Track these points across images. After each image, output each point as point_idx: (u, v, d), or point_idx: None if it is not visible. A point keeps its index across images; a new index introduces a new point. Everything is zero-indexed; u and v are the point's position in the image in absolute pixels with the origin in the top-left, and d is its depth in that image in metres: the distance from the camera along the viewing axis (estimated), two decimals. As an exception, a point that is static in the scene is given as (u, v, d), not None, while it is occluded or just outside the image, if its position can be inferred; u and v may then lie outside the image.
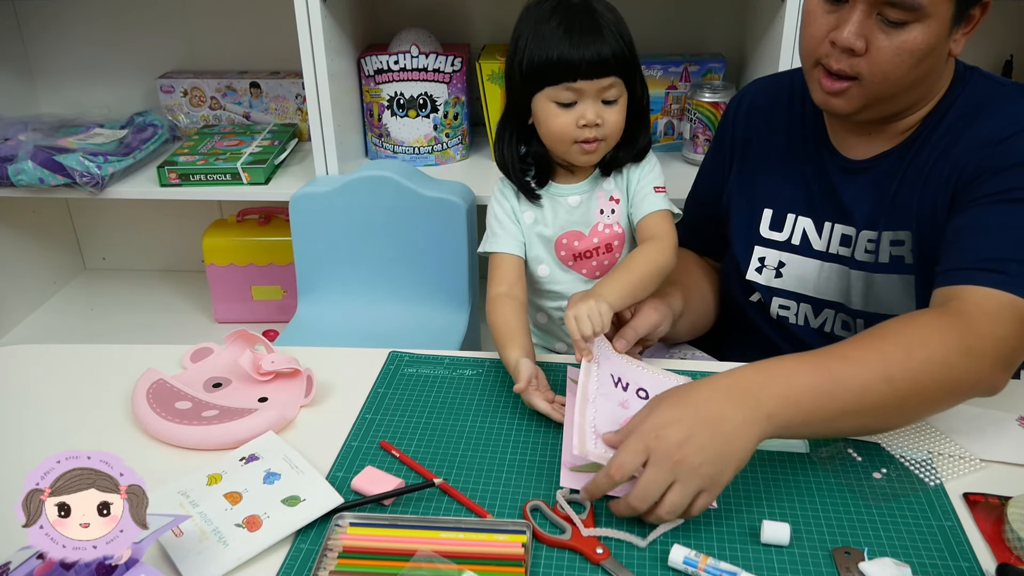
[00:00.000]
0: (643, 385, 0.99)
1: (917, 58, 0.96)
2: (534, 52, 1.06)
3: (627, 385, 0.98)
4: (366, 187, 1.68)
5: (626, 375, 0.99)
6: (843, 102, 1.01)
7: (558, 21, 1.05)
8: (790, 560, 0.78)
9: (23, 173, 1.76)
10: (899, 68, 0.97)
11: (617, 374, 0.99)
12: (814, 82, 1.04)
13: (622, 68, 1.07)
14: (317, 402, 1.03)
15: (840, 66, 0.98)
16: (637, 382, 0.99)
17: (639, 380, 1.00)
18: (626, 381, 0.99)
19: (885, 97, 1.00)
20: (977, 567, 0.77)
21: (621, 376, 0.99)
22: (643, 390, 0.98)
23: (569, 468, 0.89)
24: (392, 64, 1.80)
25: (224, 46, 2.11)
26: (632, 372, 1.01)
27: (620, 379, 0.99)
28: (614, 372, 0.99)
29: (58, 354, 1.16)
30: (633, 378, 1.00)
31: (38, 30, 2.12)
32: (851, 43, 0.96)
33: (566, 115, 1.08)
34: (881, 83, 0.98)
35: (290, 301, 2.02)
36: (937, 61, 0.99)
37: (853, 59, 0.98)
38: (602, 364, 0.98)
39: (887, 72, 0.97)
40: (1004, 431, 0.95)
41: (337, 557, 0.78)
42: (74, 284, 2.35)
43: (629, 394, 0.97)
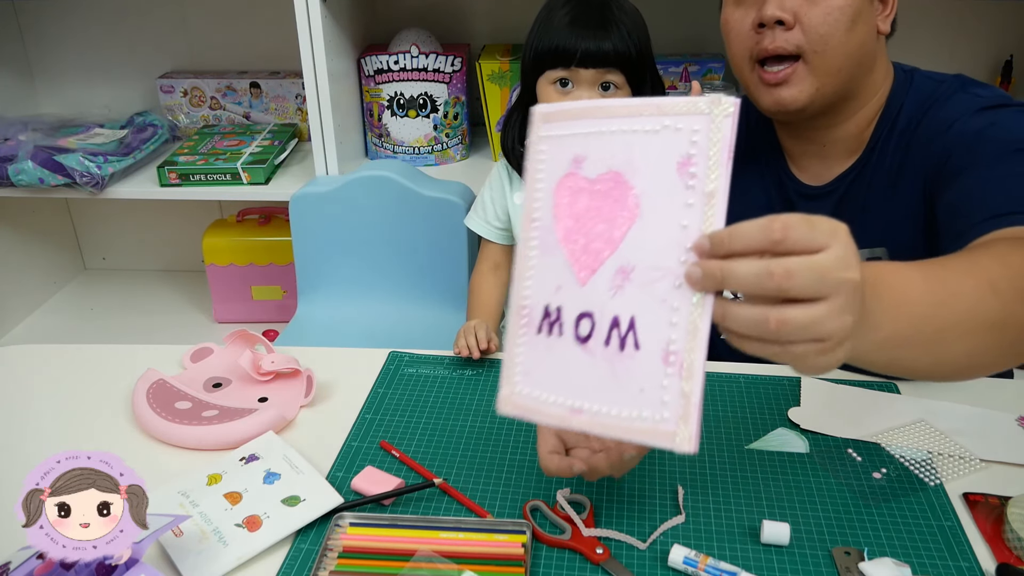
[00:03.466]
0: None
1: (848, 17, 0.97)
2: (541, 36, 1.11)
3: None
4: (366, 187, 1.68)
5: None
6: (793, 90, 1.01)
7: (568, 9, 1.09)
8: (790, 560, 0.78)
9: (23, 173, 1.76)
10: (835, 29, 0.97)
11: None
12: (757, 86, 1.04)
13: (624, 64, 1.08)
14: (317, 402, 1.03)
15: (776, 43, 0.98)
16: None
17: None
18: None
19: (832, 71, 1.00)
20: (977, 567, 0.77)
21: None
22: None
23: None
24: (392, 64, 1.80)
25: (224, 46, 2.11)
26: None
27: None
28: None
29: (58, 354, 1.16)
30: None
31: (38, 30, 2.12)
32: (778, 14, 0.97)
33: (561, 100, 1.10)
34: (823, 51, 0.98)
35: (290, 301, 2.02)
36: (869, 30, 1.00)
37: (787, 33, 0.98)
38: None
39: (825, 35, 0.97)
40: (1004, 431, 0.95)
41: (337, 557, 0.78)
42: (74, 284, 2.35)
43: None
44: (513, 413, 0.65)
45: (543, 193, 0.65)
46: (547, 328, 0.63)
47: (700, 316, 0.57)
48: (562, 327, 0.62)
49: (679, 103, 0.59)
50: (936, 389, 1.03)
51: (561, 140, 0.64)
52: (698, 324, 0.57)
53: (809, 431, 0.95)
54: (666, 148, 0.59)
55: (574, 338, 0.62)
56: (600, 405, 0.61)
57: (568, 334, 0.62)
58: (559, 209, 0.64)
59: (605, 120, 0.62)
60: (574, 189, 0.63)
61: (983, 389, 1.03)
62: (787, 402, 1.00)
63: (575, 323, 0.62)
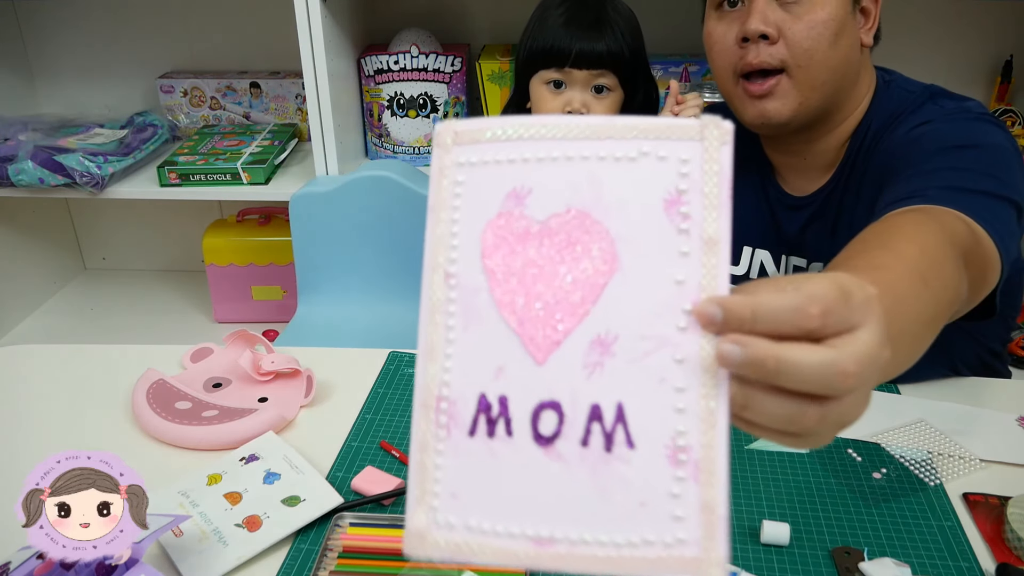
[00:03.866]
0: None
1: (832, 31, 0.97)
2: (535, 35, 1.10)
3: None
4: (366, 187, 1.68)
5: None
6: (777, 103, 1.00)
7: (563, 10, 1.09)
8: (790, 560, 0.78)
9: (23, 173, 1.76)
10: (819, 43, 0.97)
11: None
12: (741, 99, 1.03)
13: (618, 66, 1.08)
14: (317, 402, 1.03)
15: (760, 58, 0.98)
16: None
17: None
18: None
19: (816, 85, 0.99)
20: (977, 567, 0.77)
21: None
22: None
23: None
24: (392, 64, 1.80)
25: (224, 46, 2.11)
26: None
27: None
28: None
29: (58, 354, 1.16)
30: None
31: (38, 30, 2.12)
32: (761, 28, 0.96)
33: (554, 100, 1.10)
34: (807, 65, 0.97)
35: (290, 301, 2.02)
36: (853, 44, 1.00)
37: (771, 47, 0.97)
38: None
39: (809, 50, 0.97)
40: (1004, 431, 0.95)
41: (337, 557, 0.78)
42: (74, 284, 2.35)
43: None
44: (436, 554, 0.46)
45: (463, 240, 0.48)
46: (485, 428, 0.46)
47: (716, 398, 0.44)
48: (510, 425, 0.46)
49: (661, 124, 0.47)
50: (936, 389, 1.03)
51: (488, 168, 0.48)
52: (714, 409, 0.44)
53: (809, 431, 0.95)
54: (648, 181, 0.46)
55: (532, 439, 0.45)
56: (581, 530, 0.44)
57: (522, 434, 0.45)
58: (491, 261, 0.48)
59: (556, 143, 0.47)
60: (514, 234, 0.47)
61: (983, 389, 1.03)
62: (787, 402, 1.00)
63: (532, 418, 0.46)
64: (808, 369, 0.43)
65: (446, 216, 0.49)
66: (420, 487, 0.47)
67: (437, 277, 0.49)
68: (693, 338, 0.44)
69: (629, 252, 0.46)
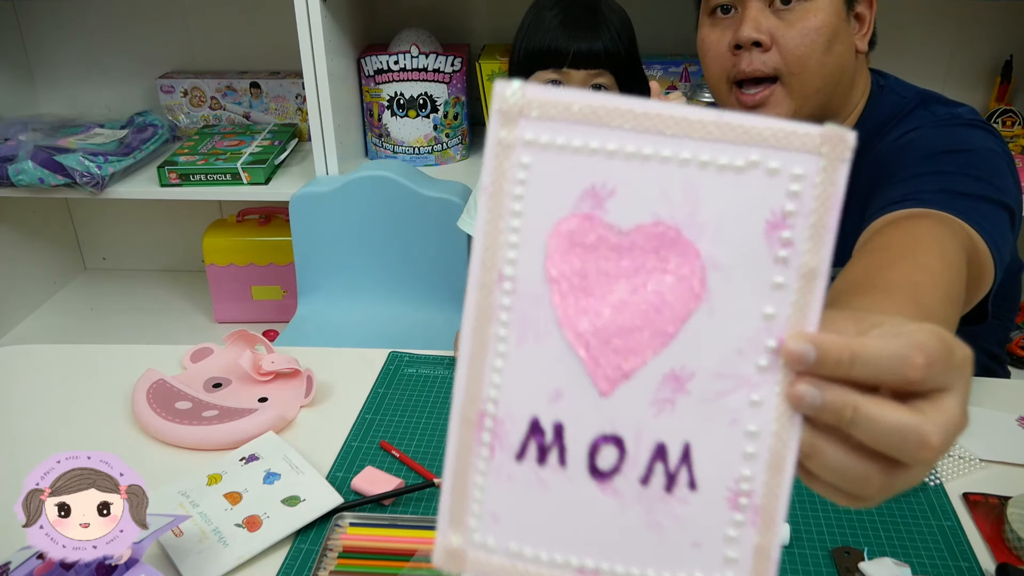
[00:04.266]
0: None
1: (826, 38, 0.96)
2: (531, 36, 1.10)
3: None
4: (366, 187, 1.68)
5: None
6: (771, 112, 0.99)
7: (558, 11, 1.09)
8: (790, 560, 0.78)
9: (23, 173, 1.76)
10: (812, 51, 0.96)
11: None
12: (734, 107, 1.02)
13: (613, 65, 1.08)
14: (317, 402, 1.03)
15: (754, 65, 0.97)
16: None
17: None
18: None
19: (810, 93, 0.99)
20: (977, 567, 0.77)
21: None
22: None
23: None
24: (392, 64, 1.80)
25: (224, 46, 2.11)
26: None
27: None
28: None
29: (58, 354, 1.16)
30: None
31: (38, 30, 2.12)
32: (754, 36, 0.96)
33: None
34: (800, 73, 0.97)
35: (290, 301, 2.02)
36: (847, 50, 0.99)
37: (764, 55, 0.97)
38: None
39: (802, 57, 0.96)
40: (1004, 431, 0.95)
41: (337, 557, 0.78)
42: (74, 284, 2.35)
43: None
44: (472, 574, 0.45)
45: (525, 237, 0.42)
46: (535, 454, 0.43)
47: (786, 445, 0.41)
48: (564, 455, 0.43)
49: (776, 129, 0.40)
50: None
51: (563, 154, 0.41)
52: (783, 455, 0.41)
53: (809, 431, 0.95)
54: (753, 197, 0.40)
55: (587, 472, 0.43)
56: (628, 565, 0.43)
57: (577, 466, 0.43)
58: (557, 270, 0.42)
59: (649, 137, 0.40)
60: (587, 241, 0.41)
61: (983, 389, 1.03)
62: (787, 402, 1.00)
63: (589, 451, 0.42)
64: (887, 427, 0.40)
65: (505, 205, 0.41)
66: (457, 504, 0.44)
67: (489, 277, 0.43)
68: (772, 377, 0.41)
69: (719, 280, 0.41)
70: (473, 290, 0.43)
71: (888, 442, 0.40)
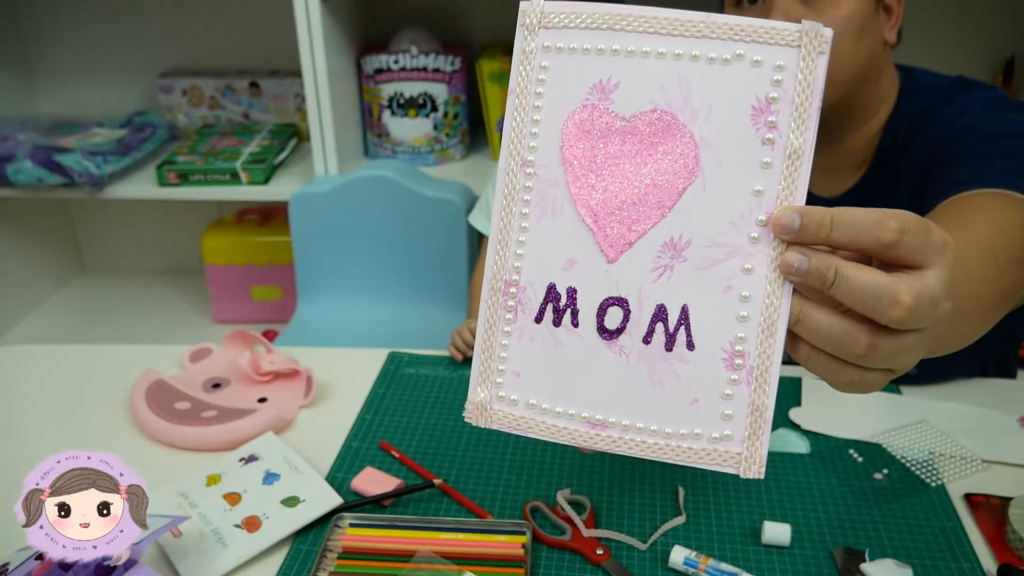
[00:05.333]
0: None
1: (856, 27, 0.95)
2: None
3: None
4: (366, 187, 1.68)
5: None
6: None
7: None
8: (791, 561, 0.78)
9: (21, 173, 1.76)
10: (842, 39, 0.95)
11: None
12: None
13: None
14: (317, 403, 1.03)
15: None
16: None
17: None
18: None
19: (839, 82, 0.97)
20: (978, 568, 0.77)
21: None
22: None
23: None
24: (392, 64, 1.80)
25: (223, 45, 2.11)
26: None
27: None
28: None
29: (57, 354, 1.16)
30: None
31: (36, 29, 2.11)
32: None
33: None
34: (831, 61, 0.95)
35: (289, 301, 2.01)
36: (876, 41, 0.99)
37: None
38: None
39: (832, 47, 0.95)
40: (1005, 431, 0.95)
41: (336, 558, 0.78)
42: (73, 284, 2.34)
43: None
44: (496, 425, 0.50)
45: (544, 128, 0.48)
46: (552, 316, 0.49)
47: (778, 310, 0.45)
48: (577, 316, 0.48)
49: (758, 26, 0.45)
50: (937, 389, 1.02)
51: (575, 56, 0.47)
52: (775, 319, 0.46)
53: (810, 431, 0.95)
54: (739, 86, 0.45)
55: (596, 331, 0.48)
56: (633, 418, 0.48)
57: (587, 326, 0.48)
58: (571, 154, 0.48)
59: (647, 36, 0.46)
60: (598, 128, 0.48)
61: (984, 389, 1.03)
62: (788, 402, 1.00)
63: (598, 312, 0.48)
64: (863, 284, 0.44)
65: (528, 103, 0.49)
66: (485, 363, 0.50)
67: (514, 163, 0.49)
68: (764, 249, 0.46)
69: (711, 158, 0.46)
70: (501, 175, 0.49)
71: (864, 300, 0.44)
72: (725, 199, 0.46)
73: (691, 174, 0.47)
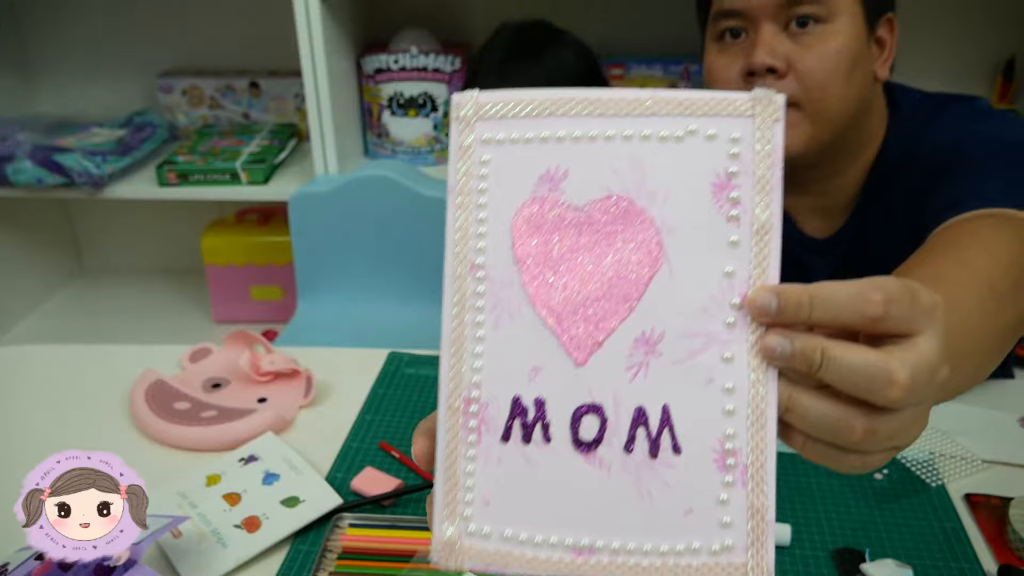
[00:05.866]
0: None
1: (847, 62, 0.90)
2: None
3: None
4: (366, 187, 1.68)
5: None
6: (787, 136, 0.94)
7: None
8: (791, 561, 0.78)
9: (21, 172, 1.76)
10: (833, 77, 0.90)
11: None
12: None
13: None
14: (316, 403, 1.03)
15: None
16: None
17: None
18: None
19: (829, 120, 0.92)
20: (979, 568, 0.76)
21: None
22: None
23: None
24: (392, 63, 1.80)
25: (223, 45, 2.11)
26: None
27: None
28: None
29: (57, 355, 1.16)
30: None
31: (36, 29, 2.11)
32: (768, 62, 0.88)
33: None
34: (821, 100, 0.90)
35: (289, 301, 2.01)
36: (867, 77, 0.94)
37: (780, 82, 0.89)
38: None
39: (822, 83, 0.90)
40: (1006, 431, 0.95)
41: (336, 558, 0.78)
42: (72, 284, 2.34)
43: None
44: (469, 566, 0.44)
45: (492, 227, 0.44)
46: (521, 432, 0.44)
47: (765, 399, 0.42)
48: (548, 430, 0.43)
49: (708, 99, 0.43)
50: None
51: (518, 147, 0.44)
52: (764, 409, 0.42)
53: (810, 432, 0.95)
54: (696, 163, 0.43)
55: (571, 445, 0.43)
56: (624, 538, 0.43)
57: (561, 440, 0.43)
58: (524, 251, 0.44)
59: (593, 120, 0.44)
60: (550, 221, 0.44)
61: (985, 389, 1.03)
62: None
63: (571, 423, 0.43)
64: (853, 365, 0.41)
65: (471, 201, 0.45)
66: (449, 494, 0.44)
67: (462, 268, 0.45)
68: (742, 334, 0.42)
69: (675, 243, 0.43)
70: (449, 282, 0.46)
71: (856, 382, 0.41)
72: (695, 284, 0.43)
73: (656, 261, 0.43)
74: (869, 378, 0.41)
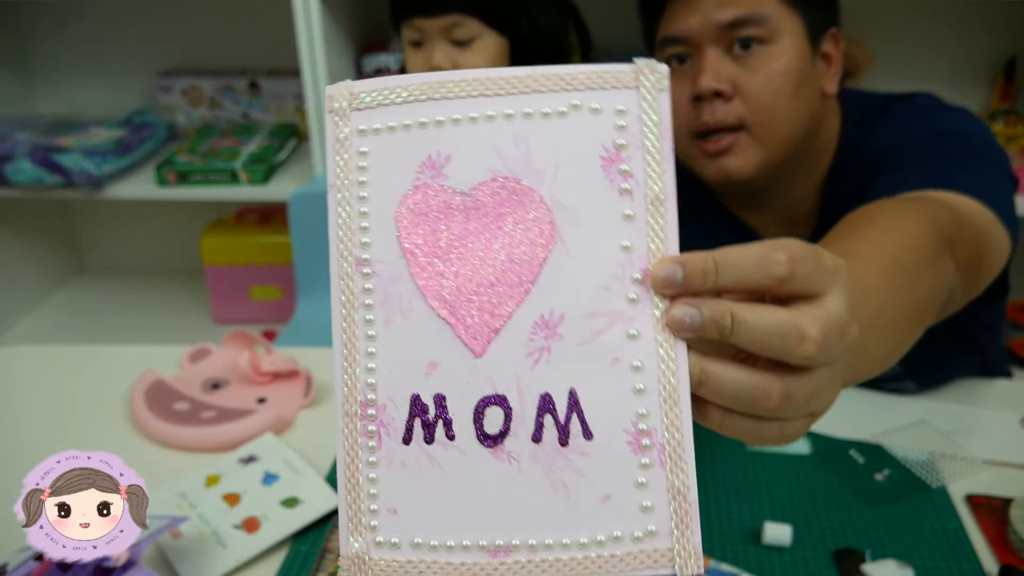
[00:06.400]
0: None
1: (792, 82, 0.90)
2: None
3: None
4: (365, 187, 1.68)
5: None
6: (739, 159, 0.93)
7: None
8: (791, 562, 0.78)
9: (20, 172, 1.75)
10: (780, 97, 0.90)
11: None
12: (698, 158, 0.95)
13: (473, 6, 0.97)
14: (316, 403, 1.03)
15: (716, 116, 0.90)
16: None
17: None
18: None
19: (779, 140, 0.92)
20: (980, 569, 0.76)
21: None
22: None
23: None
24: (392, 64, 1.80)
25: (223, 45, 2.11)
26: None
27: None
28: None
29: (56, 355, 1.16)
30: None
31: (36, 29, 2.11)
32: (714, 85, 0.89)
33: (415, 57, 1.00)
34: (768, 120, 0.91)
35: (289, 301, 2.01)
36: (814, 94, 0.95)
37: (727, 105, 0.90)
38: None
39: (769, 104, 0.90)
40: (1007, 432, 0.94)
41: (336, 558, 0.78)
42: (72, 284, 2.34)
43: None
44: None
45: (375, 220, 0.43)
46: (423, 433, 0.42)
47: (676, 373, 0.40)
48: (451, 427, 0.42)
49: (590, 72, 0.41)
50: (937, 390, 1.02)
51: (396, 135, 0.42)
52: (676, 385, 0.40)
53: (811, 432, 0.95)
54: (582, 137, 0.41)
55: (476, 440, 0.41)
56: (540, 534, 0.41)
57: (465, 436, 0.41)
58: (411, 242, 0.42)
59: (472, 101, 0.42)
60: (435, 208, 0.42)
61: (984, 389, 1.03)
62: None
63: (474, 417, 0.41)
64: (764, 325, 0.40)
65: (352, 194, 0.43)
66: (353, 506, 0.42)
67: (348, 266, 0.43)
68: (646, 309, 0.41)
69: (568, 220, 0.41)
70: (335, 282, 0.43)
71: (768, 342, 0.40)
72: (592, 262, 0.41)
73: (549, 241, 0.41)
74: (782, 336, 0.40)
